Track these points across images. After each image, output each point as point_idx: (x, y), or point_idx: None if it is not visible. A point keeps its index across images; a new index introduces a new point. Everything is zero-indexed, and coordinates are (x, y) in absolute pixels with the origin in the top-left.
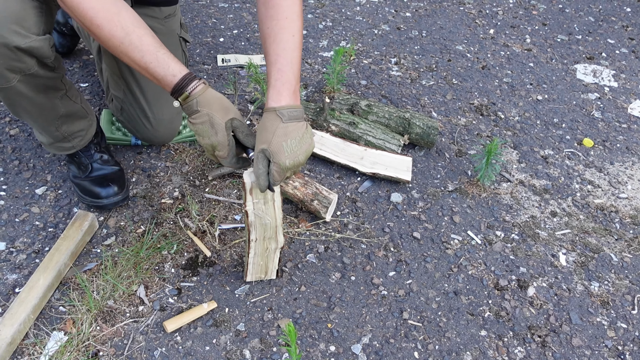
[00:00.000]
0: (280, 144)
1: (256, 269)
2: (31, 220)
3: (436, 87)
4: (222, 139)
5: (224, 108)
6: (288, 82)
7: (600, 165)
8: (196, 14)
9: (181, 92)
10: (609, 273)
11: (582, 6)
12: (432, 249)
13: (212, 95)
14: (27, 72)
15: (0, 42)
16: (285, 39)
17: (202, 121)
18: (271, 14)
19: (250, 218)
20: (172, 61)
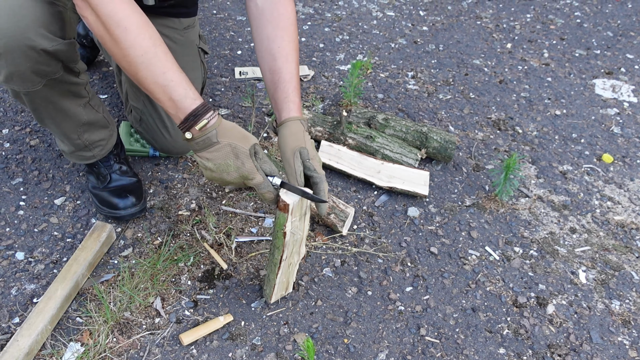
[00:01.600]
0: (311, 144)
1: (280, 287)
2: (50, 231)
3: (453, 101)
4: (251, 166)
5: (244, 136)
6: (300, 99)
7: (620, 181)
8: (214, 26)
9: (198, 119)
10: (630, 291)
11: (600, 21)
12: (449, 265)
13: (230, 125)
14: (53, 76)
15: (28, 44)
16: (296, 61)
17: (223, 154)
18: (282, 35)
19: (288, 238)
20: (192, 86)
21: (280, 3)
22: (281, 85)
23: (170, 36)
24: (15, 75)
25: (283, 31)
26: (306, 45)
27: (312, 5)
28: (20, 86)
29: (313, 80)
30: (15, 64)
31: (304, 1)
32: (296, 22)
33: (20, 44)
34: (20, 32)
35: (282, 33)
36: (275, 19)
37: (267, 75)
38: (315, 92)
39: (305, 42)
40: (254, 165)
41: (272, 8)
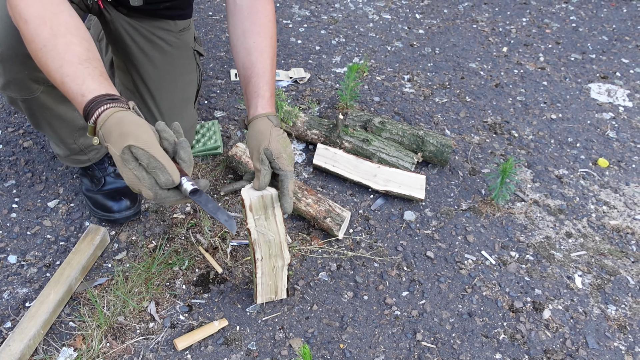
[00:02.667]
0: (277, 141)
1: (265, 289)
2: (43, 234)
3: (449, 104)
4: (127, 175)
5: (120, 134)
6: (273, 95)
7: (616, 185)
8: (210, 28)
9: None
10: (626, 296)
11: (595, 25)
12: (445, 269)
13: (113, 122)
14: (50, 83)
15: (25, 52)
16: (271, 57)
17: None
18: (258, 31)
19: (253, 236)
20: (91, 78)
21: (258, 1)
22: (253, 80)
23: (165, 39)
24: (13, 83)
25: (260, 27)
26: (302, 47)
27: (308, 8)
28: (18, 94)
29: (309, 82)
30: (12, 72)
31: (300, 3)
32: (274, 20)
33: (18, 52)
34: (17, 40)
35: (258, 29)
36: (252, 15)
37: (240, 70)
38: (312, 94)
39: (302, 45)
40: (133, 174)
41: (250, 5)
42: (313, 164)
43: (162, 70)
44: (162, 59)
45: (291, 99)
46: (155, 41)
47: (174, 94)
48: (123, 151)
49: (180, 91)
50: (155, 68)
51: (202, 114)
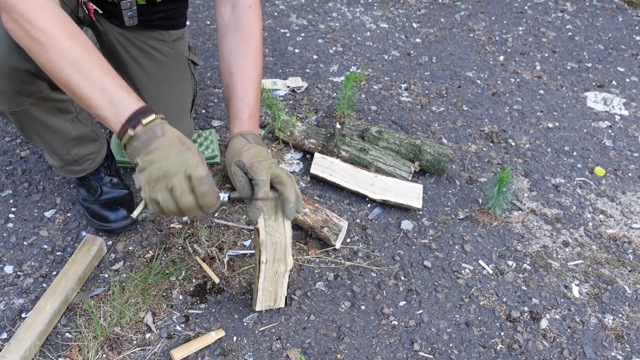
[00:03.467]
0: (249, 152)
1: (266, 295)
2: (39, 244)
3: (446, 113)
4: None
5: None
6: (253, 116)
7: (612, 194)
8: (208, 37)
9: (145, 115)
10: (623, 305)
11: (591, 34)
12: (443, 279)
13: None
14: (39, 95)
15: (12, 65)
16: (254, 77)
17: (168, 142)
18: (241, 52)
19: (262, 236)
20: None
21: (244, 18)
22: (233, 102)
23: (159, 49)
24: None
25: (243, 48)
26: (300, 56)
27: (305, 17)
28: (5, 106)
29: (306, 92)
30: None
31: (297, 13)
32: (261, 39)
33: (4, 65)
34: (3, 52)
35: (241, 49)
36: (238, 35)
37: (224, 90)
38: (309, 103)
39: (299, 54)
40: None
41: (236, 23)
42: (310, 173)
43: (157, 80)
44: (156, 69)
45: (289, 108)
46: (149, 51)
47: (169, 104)
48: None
49: (175, 101)
50: (150, 78)
51: (200, 123)
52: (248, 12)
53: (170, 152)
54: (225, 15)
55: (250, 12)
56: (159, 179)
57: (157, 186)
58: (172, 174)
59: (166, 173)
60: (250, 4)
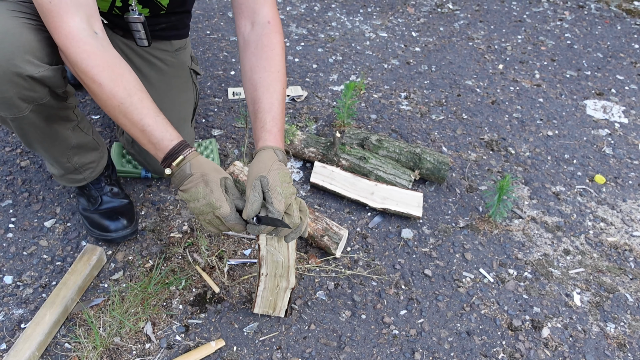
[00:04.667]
0: (276, 174)
1: (265, 302)
2: (39, 254)
3: (446, 121)
4: (219, 194)
5: (216, 169)
6: (281, 130)
7: (613, 202)
8: (208, 47)
9: (176, 156)
10: (625, 314)
11: (590, 42)
12: (443, 287)
13: (204, 159)
14: (40, 102)
15: (14, 71)
16: (278, 91)
17: (195, 183)
18: (264, 65)
19: (262, 252)
20: (170, 127)
21: (265, 35)
22: (259, 115)
23: (161, 58)
24: (1, 102)
25: (266, 62)
26: (299, 65)
27: (305, 27)
28: (7, 112)
29: (306, 100)
30: (0, 91)
31: (297, 22)
32: (283, 52)
33: (6, 71)
34: (6, 58)
35: (264, 64)
36: (259, 50)
37: (249, 106)
38: (309, 112)
39: (299, 63)
40: (222, 195)
41: (257, 40)
42: (310, 182)
43: (159, 89)
44: (158, 78)
45: (289, 117)
46: (151, 61)
47: (171, 113)
48: (222, 179)
49: (177, 110)
50: (152, 87)
51: (200, 133)
52: (268, 27)
53: (198, 195)
54: (246, 32)
55: (269, 28)
56: (198, 214)
57: (199, 218)
58: (205, 213)
59: (200, 212)
60: (269, 19)
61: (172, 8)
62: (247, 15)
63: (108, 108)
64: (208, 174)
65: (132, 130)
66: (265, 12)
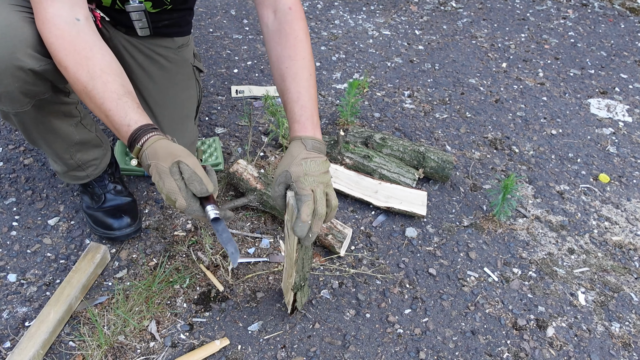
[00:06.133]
0: (300, 165)
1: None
2: (43, 252)
3: (450, 120)
4: (171, 185)
5: (169, 154)
6: (311, 117)
7: (617, 201)
8: (211, 45)
9: (134, 144)
10: (630, 313)
11: (593, 41)
12: (448, 286)
13: (159, 145)
14: (41, 97)
15: (16, 65)
16: (305, 78)
17: (154, 175)
18: (289, 54)
19: (286, 229)
20: (133, 111)
21: (287, 22)
22: (289, 106)
23: (164, 55)
24: (4, 96)
25: (291, 50)
26: None
27: (308, 25)
28: (9, 107)
29: None
30: (3, 84)
31: None
32: (307, 38)
33: (8, 65)
34: (8, 52)
35: (289, 52)
36: (283, 39)
37: (280, 96)
38: None
39: None
40: (175, 185)
41: (280, 29)
42: None
43: (162, 86)
44: (161, 75)
45: None
46: (154, 58)
47: (174, 110)
48: (173, 165)
49: (180, 107)
50: (155, 84)
51: (203, 131)
52: (290, 14)
53: (158, 188)
54: (269, 22)
55: (291, 14)
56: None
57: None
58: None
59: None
60: (290, 5)
61: (175, 5)
62: (269, 4)
63: (77, 93)
64: (158, 164)
65: (99, 116)
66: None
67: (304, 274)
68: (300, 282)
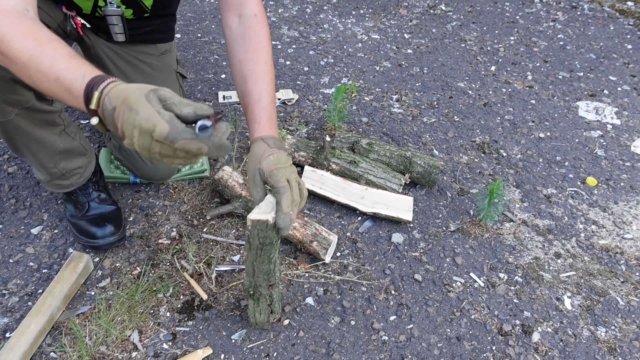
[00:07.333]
0: (269, 159)
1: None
2: (25, 261)
3: (438, 124)
4: (147, 111)
5: (139, 87)
6: (271, 118)
7: (605, 204)
8: (198, 50)
9: (92, 94)
10: (616, 317)
11: (582, 43)
12: (433, 292)
13: (125, 85)
14: (25, 105)
15: None
16: (267, 82)
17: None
18: (252, 58)
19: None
20: (87, 65)
21: (252, 27)
22: (250, 107)
23: (147, 62)
24: None
25: (254, 54)
26: (291, 68)
27: (297, 29)
28: None
29: (297, 104)
30: None
31: (289, 24)
32: (269, 44)
33: None
34: None
35: (252, 56)
36: (247, 43)
37: (240, 98)
38: (300, 116)
39: (290, 66)
40: (153, 111)
41: (244, 32)
42: None
43: None
44: (144, 81)
45: (280, 121)
46: (137, 64)
47: None
48: (150, 92)
49: None
50: None
51: None
52: (255, 20)
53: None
54: (233, 26)
55: (256, 21)
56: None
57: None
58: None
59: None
60: (256, 12)
61: (156, 11)
62: (235, 9)
63: (20, 67)
64: (129, 96)
65: (48, 86)
66: (252, 6)
67: (255, 282)
68: (250, 290)
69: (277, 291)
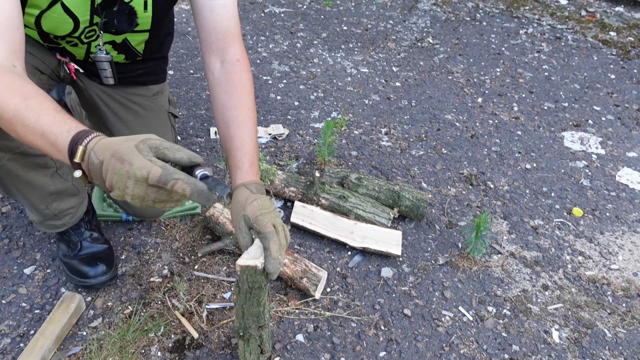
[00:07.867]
0: (253, 204)
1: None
2: (18, 302)
3: (426, 157)
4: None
5: (127, 139)
6: (254, 165)
7: (591, 235)
8: (191, 86)
9: (76, 148)
10: (604, 350)
11: (567, 74)
12: (423, 327)
13: (110, 139)
14: (17, 151)
15: None
16: (249, 127)
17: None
18: (235, 104)
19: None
20: (71, 121)
21: (234, 73)
22: (232, 153)
23: (139, 103)
24: None
25: (237, 100)
26: (281, 103)
27: (287, 64)
28: None
29: (288, 139)
30: None
31: (279, 60)
32: (252, 90)
33: None
34: None
35: (235, 102)
36: (230, 88)
37: (222, 143)
38: (290, 150)
39: (281, 100)
40: (144, 159)
41: (227, 77)
42: (291, 222)
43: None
44: (137, 122)
45: (270, 156)
46: (129, 106)
47: None
48: (140, 142)
49: None
50: (131, 132)
51: None
52: (237, 66)
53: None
54: (215, 70)
55: (239, 66)
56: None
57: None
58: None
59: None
60: (238, 57)
61: (148, 55)
62: (217, 54)
63: (6, 123)
64: (118, 149)
65: (33, 139)
66: (235, 51)
67: (244, 323)
68: (240, 331)
69: (267, 331)
